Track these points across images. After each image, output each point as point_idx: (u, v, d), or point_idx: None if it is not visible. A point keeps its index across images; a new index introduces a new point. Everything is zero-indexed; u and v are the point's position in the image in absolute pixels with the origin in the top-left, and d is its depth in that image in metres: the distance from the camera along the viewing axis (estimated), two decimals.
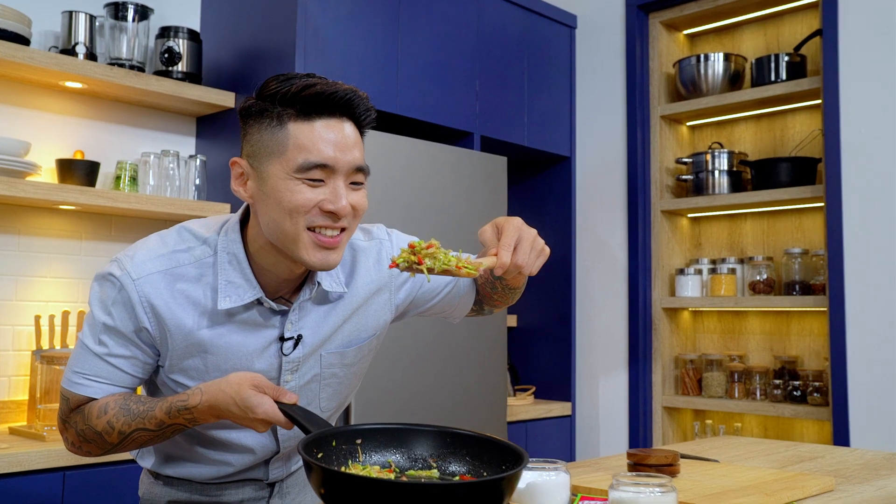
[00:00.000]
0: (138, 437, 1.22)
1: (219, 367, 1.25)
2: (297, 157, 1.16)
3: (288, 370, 1.29)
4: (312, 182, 1.16)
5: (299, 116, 1.17)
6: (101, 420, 1.22)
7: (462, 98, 3.15)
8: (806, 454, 1.85)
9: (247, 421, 1.16)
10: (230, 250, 1.25)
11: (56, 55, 2.34)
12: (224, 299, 1.22)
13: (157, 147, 2.75)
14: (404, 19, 2.95)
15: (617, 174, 3.56)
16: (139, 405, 1.22)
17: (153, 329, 1.23)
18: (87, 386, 1.24)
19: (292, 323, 1.27)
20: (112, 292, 1.22)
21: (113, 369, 1.24)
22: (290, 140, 1.16)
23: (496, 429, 3.01)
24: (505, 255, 1.15)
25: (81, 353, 1.25)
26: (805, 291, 3.12)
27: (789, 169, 3.15)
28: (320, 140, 1.16)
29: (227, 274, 1.24)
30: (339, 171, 1.18)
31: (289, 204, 1.16)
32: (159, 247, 1.26)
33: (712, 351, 3.50)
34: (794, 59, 3.18)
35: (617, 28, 3.59)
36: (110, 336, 1.23)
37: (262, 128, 1.19)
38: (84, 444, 1.26)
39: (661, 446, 3.43)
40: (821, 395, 3.04)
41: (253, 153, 1.20)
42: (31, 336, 2.46)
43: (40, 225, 2.50)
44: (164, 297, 1.22)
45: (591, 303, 3.62)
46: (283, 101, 1.17)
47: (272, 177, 1.18)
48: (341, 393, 1.40)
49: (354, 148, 1.19)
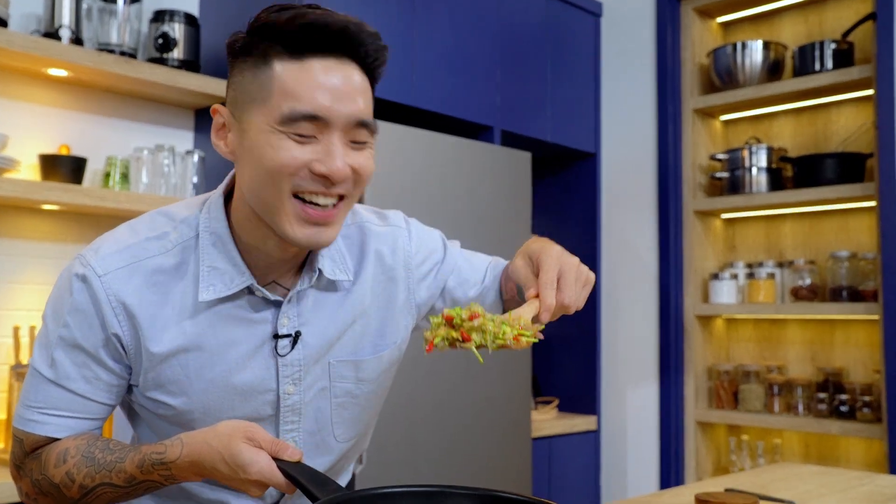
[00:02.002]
0: (103, 492, 0.98)
1: (202, 376, 1.01)
2: (281, 105, 0.93)
3: (288, 379, 1.05)
4: (300, 137, 0.93)
5: (288, 54, 0.93)
6: (59, 470, 0.99)
7: (482, 90, 2.93)
8: (887, 490, 1.61)
9: (237, 482, 0.92)
10: (213, 229, 1.02)
11: (38, 39, 2.12)
12: (207, 289, 1.00)
13: (150, 141, 2.53)
14: (420, 7, 2.73)
15: (646, 172, 3.32)
16: (106, 454, 0.98)
17: (126, 334, 0.99)
18: (43, 423, 1.00)
19: (289, 318, 1.04)
20: (69, 298, 0.99)
21: (73, 397, 1.00)
22: (274, 83, 0.93)
23: (520, 446, 2.78)
24: (549, 295, 0.97)
25: (32, 381, 1.01)
26: (854, 298, 2.87)
27: (835, 165, 2.91)
28: (312, 84, 0.93)
29: (210, 258, 1.01)
30: (334, 124, 0.94)
31: (270, 163, 0.93)
32: (129, 236, 1.02)
33: (748, 361, 3.26)
34: (841, 46, 2.94)
35: (646, 15, 3.35)
36: (66, 353, 0.99)
37: (245, 68, 0.96)
38: (40, 496, 1.02)
39: (694, 463, 3.21)
40: (871, 411, 2.80)
41: (235, 99, 0.98)
42: (9, 349, 2.24)
43: (21, 226, 2.29)
44: (136, 294, 0.99)
45: (618, 309, 3.39)
46: (270, 35, 0.93)
47: (253, 128, 0.95)
48: (360, 420, 1.15)
49: (357, 96, 0.95)
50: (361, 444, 1.24)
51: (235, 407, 1.05)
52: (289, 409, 1.07)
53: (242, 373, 1.04)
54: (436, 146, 2.57)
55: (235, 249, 1.02)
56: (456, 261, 1.23)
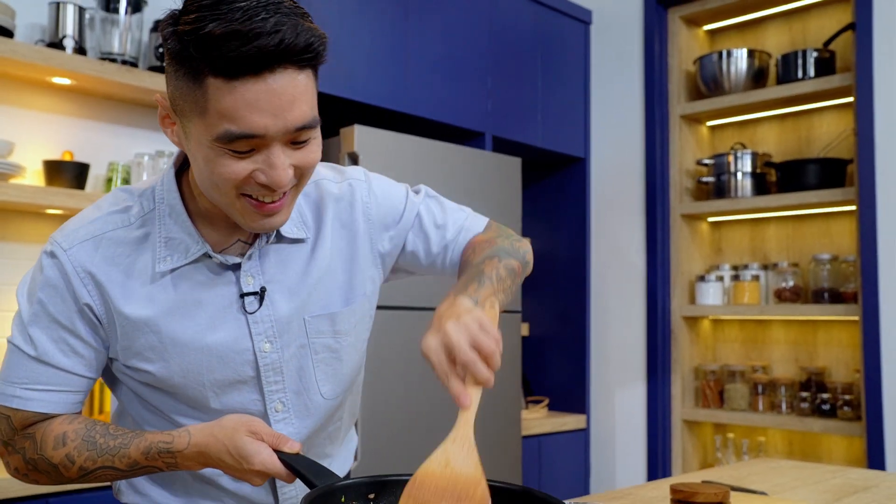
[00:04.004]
0: (103, 474, 1.05)
1: (176, 340, 1.05)
2: (217, 125, 0.91)
3: (262, 336, 1.08)
4: (239, 154, 0.93)
5: (219, 75, 0.89)
6: (57, 452, 1.04)
7: (473, 96, 3.00)
8: (857, 482, 1.69)
9: (240, 472, 0.99)
10: (168, 201, 1.06)
11: (42, 49, 2.19)
12: (163, 260, 1.04)
13: (151, 147, 2.59)
14: (413, 14, 2.80)
15: (634, 176, 3.40)
16: (108, 439, 1.04)
17: (97, 304, 1.04)
18: (27, 399, 1.04)
19: (252, 276, 1.08)
20: (40, 276, 1.04)
21: (54, 371, 1.04)
22: (209, 102, 0.91)
23: (511, 444, 2.85)
24: (457, 387, 0.88)
25: (12, 358, 1.06)
26: (835, 299, 2.96)
27: (818, 171, 2.99)
28: (244, 105, 0.89)
29: (166, 230, 1.05)
30: (273, 138, 0.93)
31: (214, 176, 0.95)
32: (93, 212, 1.07)
33: (734, 361, 3.34)
34: (822, 55, 3.03)
35: (634, 23, 3.43)
36: (42, 329, 1.04)
37: (178, 73, 0.93)
38: (32, 472, 1.08)
39: (680, 460, 3.29)
40: (852, 409, 2.88)
41: (173, 99, 0.96)
42: None
43: (25, 231, 2.35)
44: (101, 264, 1.03)
45: (607, 311, 3.47)
46: (198, 49, 0.88)
47: (193, 137, 0.95)
48: (344, 375, 1.18)
49: (293, 105, 0.92)
50: (349, 404, 1.26)
51: (215, 369, 1.08)
52: (269, 368, 1.10)
53: (214, 333, 1.07)
54: (428, 152, 2.64)
55: (189, 220, 1.05)
56: (423, 222, 1.22)
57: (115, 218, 1.06)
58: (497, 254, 1.13)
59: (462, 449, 0.90)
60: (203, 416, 1.11)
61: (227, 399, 1.10)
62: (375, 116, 2.84)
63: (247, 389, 1.11)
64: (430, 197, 1.26)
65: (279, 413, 1.13)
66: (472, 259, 1.14)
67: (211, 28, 0.87)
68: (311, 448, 1.20)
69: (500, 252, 1.14)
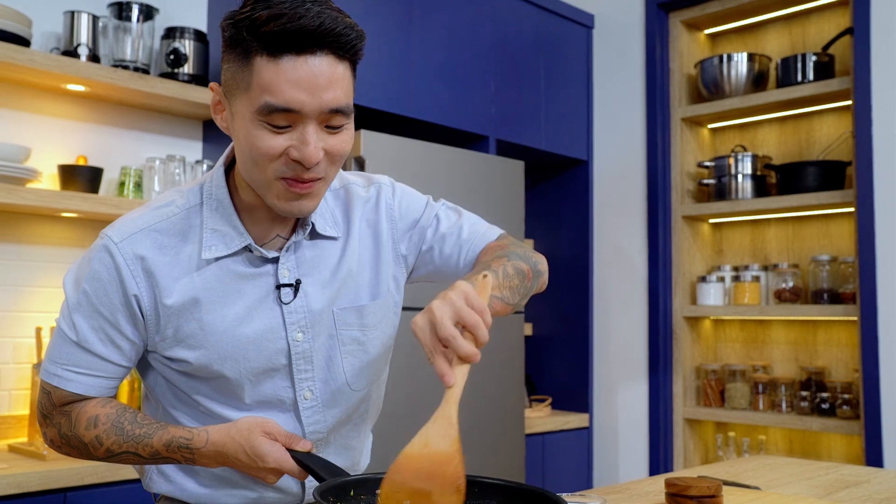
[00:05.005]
0: (127, 458, 1.13)
1: (215, 328, 1.13)
2: (259, 98, 1.02)
3: (295, 326, 1.16)
4: (277, 128, 1.03)
5: (265, 52, 1.01)
6: (89, 433, 1.13)
7: (477, 100, 3.05)
8: (850, 478, 1.74)
9: (255, 470, 1.07)
10: (215, 195, 1.15)
11: (58, 57, 2.25)
12: (209, 249, 1.12)
13: (162, 152, 2.65)
14: (417, 20, 2.85)
15: (636, 178, 3.45)
16: (134, 427, 1.12)
17: (144, 294, 1.12)
18: (66, 379, 1.13)
19: (288, 269, 1.16)
20: (87, 267, 1.12)
21: (92, 357, 1.13)
22: (253, 77, 1.02)
23: (513, 442, 2.90)
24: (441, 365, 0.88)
25: (57, 339, 1.15)
26: (834, 300, 3.00)
27: (817, 173, 3.03)
28: (284, 80, 1.00)
29: (212, 222, 1.14)
30: (308, 115, 1.02)
31: (254, 150, 1.04)
32: (141, 209, 1.17)
33: (735, 361, 3.39)
34: (821, 58, 3.07)
35: (636, 28, 3.48)
36: (85, 318, 1.12)
37: (231, 57, 1.05)
38: (65, 446, 1.17)
39: (682, 459, 3.34)
40: (850, 408, 2.92)
41: (225, 83, 1.08)
42: (31, 349, 2.37)
43: (41, 233, 2.41)
44: (150, 252, 1.12)
45: (609, 311, 3.51)
46: (249, 31, 1.01)
47: (238, 115, 1.06)
48: (369, 366, 1.25)
49: (329, 88, 1.02)
50: (374, 398, 1.33)
51: (250, 356, 1.15)
52: (300, 357, 1.17)
53: (252, 322, 1.14)
54: (432, 156, 2.69)
55: (235, 213, 1.13)
56: (440, 225, 1.29)
57: (160, 211, 1.15)
58: (507, 255, 1.18)
59: (441, 427, 0.89)
60: (234, 405, 1.17)
61: (260, 387, 1.17)
62: (381, 121, 2.89)
63: (279, 377, 1.17)
64: (449, 206, 1.35)
65: (308, 401, 1.19)
66: (484, 259, 1.21)
67: (260, 12, 0.99)
68: (337, 439, 1.27)
69: (511, 255, 1.18)
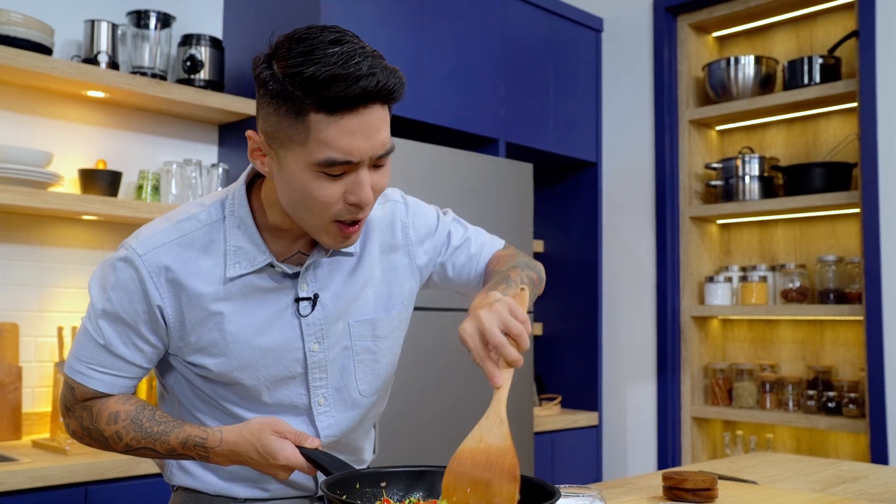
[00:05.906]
0: (145, 453, 1.20)
1: (237, 338, 1.19)
2: (319, 152, 1.05)
3: (312, 337, 1.22)
4: (334, 177, 1.08)
5: (322, 110, 1.04)
6: (109, 427, 1.20)
7: (487, 104, 3.10)
8: (848, 474, 1.78)
9: (267, 467, 1.13)
10: (238, 214, 1.20)
11: (78, 64, 2.32)
12: (234, 266, 1.18)
13: (179, 156, 2.72)
14: (428, 25, 2.91)
15: (644, 180, 3.49)
16: (153, 424, 1.19)
17: (168, 304, 1.17)
18: (90, 377, 1.20)
19: (307, 283, 1.22)
20: (112, 276, 1.18)
21: (114, 358, 1.19)
22: (311, 133, 1.05)
23: (523, 440, 2.95)
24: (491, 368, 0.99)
25: (83, 337, 1.21)
26: (840, 300, 3.03)
27: (823, 174, 3.06)
28: (345, 136, 1.05)
29: (235, 239, 1.19)
30: (363, 162, 1.08)
31: (311, 199, 1.09)
32: (164, 222, 1.22)
33: (742, 360, 3.42)
34: (828, 61, 3.10)
35: (644, 31, 3.52)
36: (109, 323, 1.18)
37: (279, 110, 1.06)
38: (86, 437, 1.24)
39: (690, 457, 3.37)
40: (857, 407, 2.95)
41: (270, 133, 1.09)
42: (53, 347, 2.44)
43: (63, 236, 2.48)
44: (175, 263, 1.17)
45: (618, 311, 3.56)
46: (304, 89, 1.03)
47: (291, 164, 1.09)
48: (379, 375, 1.33)
49: (380, 131, 1.09)
50: (382, 402, 1.40)
51: (269, 365, 1.21)
52: (316, 366, 1.24)
53: (271, 333, 1.20)
54: (443, 159, 2.75)
55: (257, 232, 1.18)
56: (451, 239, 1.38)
57: (183, 225, 1.20)
58: (519, 265, 1.29)
59: (494, 424, 0.99)
60: (254, 406, 1.25)
61: (277, 393, 1.24)
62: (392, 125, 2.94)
63: (295, 385, 1.25)
64: (455, 219, 1.43)
65: (322, 406, 1.26)
66: (498, 268, 1.31)
67: (312, 71, 1.02)
68: (350, 441, 1.34)
69: (522, 264, 1.30)
